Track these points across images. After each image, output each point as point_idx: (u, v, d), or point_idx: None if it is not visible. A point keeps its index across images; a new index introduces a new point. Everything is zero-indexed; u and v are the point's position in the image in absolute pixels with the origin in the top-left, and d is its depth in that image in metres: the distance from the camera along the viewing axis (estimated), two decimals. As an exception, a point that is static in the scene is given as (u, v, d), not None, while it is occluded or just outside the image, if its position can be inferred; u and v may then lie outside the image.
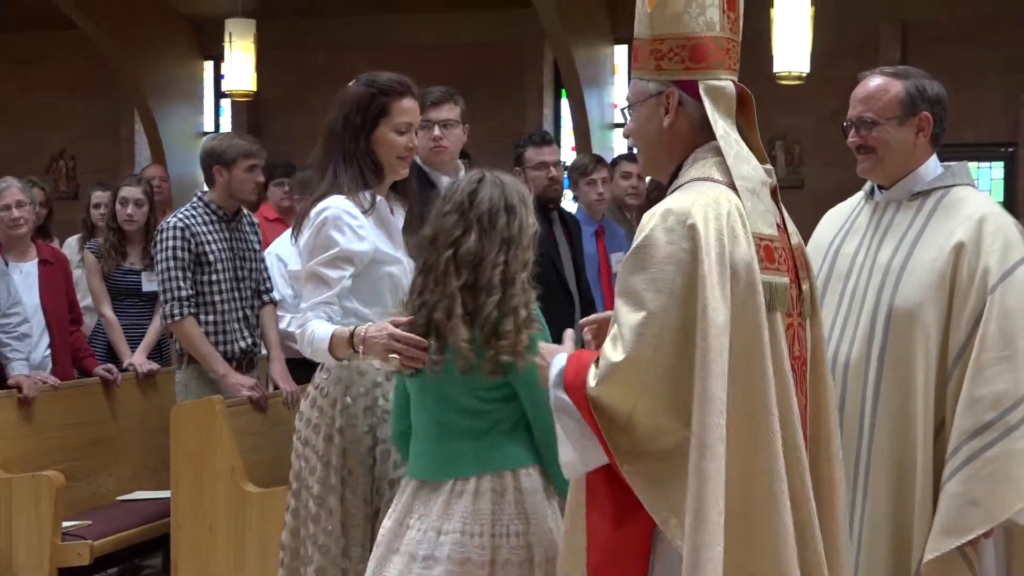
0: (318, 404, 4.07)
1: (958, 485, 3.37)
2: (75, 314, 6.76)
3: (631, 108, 2.97)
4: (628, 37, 12.65)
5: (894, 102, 3.60)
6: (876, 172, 3.67)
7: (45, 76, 14.22)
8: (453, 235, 3.50)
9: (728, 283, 2.67)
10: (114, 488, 6.47)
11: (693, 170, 2.85)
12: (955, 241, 3.48)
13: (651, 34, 2.88)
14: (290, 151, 12.71)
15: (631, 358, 2.67)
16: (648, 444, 2.69)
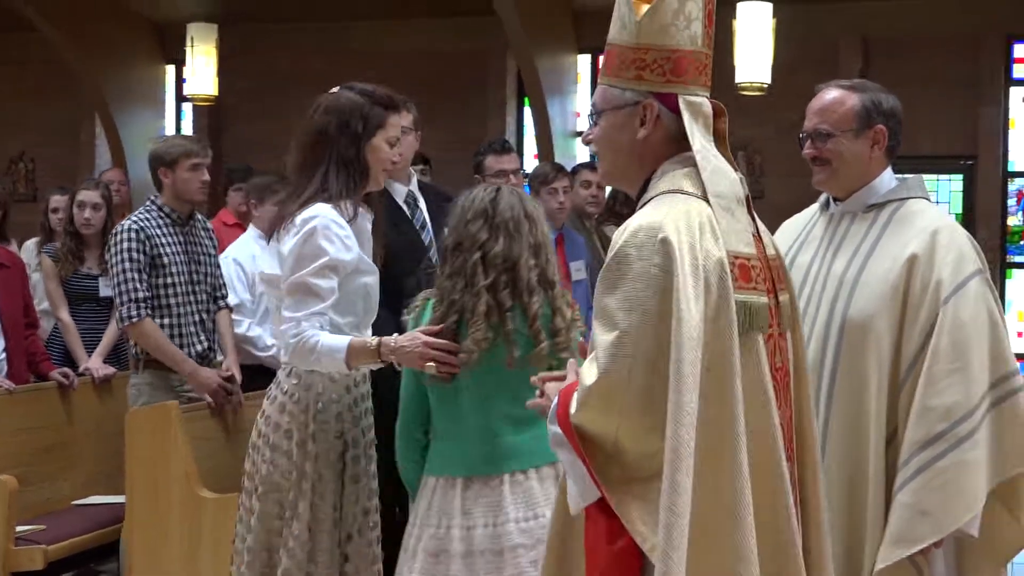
0: (288, 409, 4.07)
1: (909, 495, 3.39)
2: (31, 317, 6.71)
3: (598, 115, 2.90)
4: (592, 47, 12.86)
5: (849, 115, 3.62)
6: (831, 184, 3.70)
7: (4, 79, 14.12)
8: (479, 240, 3.78)
9: (703, 295, 2.62)
10: (69, 493, 6.43)
11: (663, 182, 2.79)
12: (909, 253, 3.51)
13: (635, 42, 2.80)
14: (252, 156, 12.71)
15: (605, 380, 2.61)
16: (638, 471, 2.63)
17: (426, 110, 5.74)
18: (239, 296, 6.20)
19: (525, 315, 3.79)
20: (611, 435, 2.63)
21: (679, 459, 2.54)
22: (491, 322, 3.76)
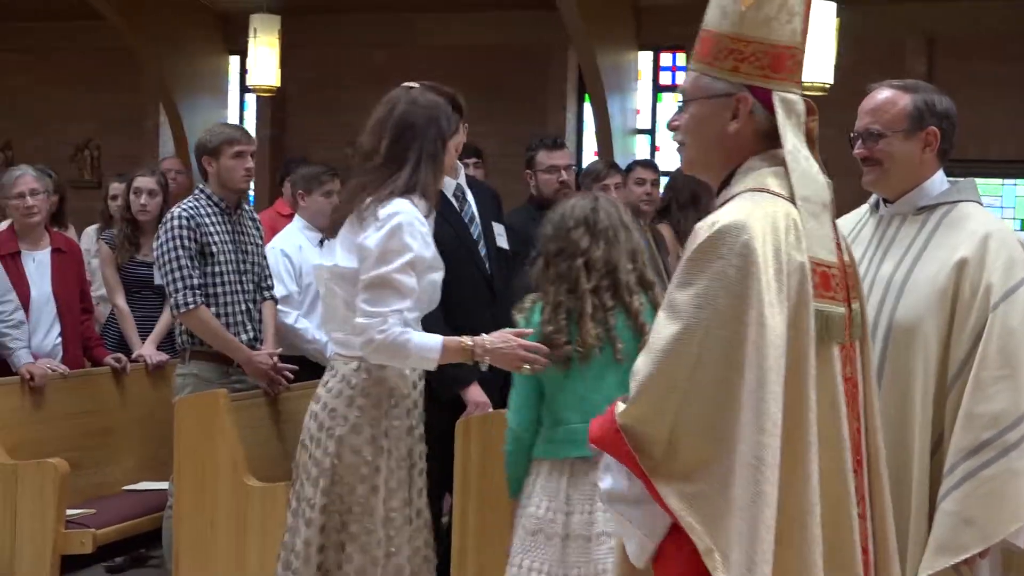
0: (358, 404, 4.09)
1: (954, 503, 3.34)
2: (86, 303, 6.78)
3: (687, 103, 2.82)
4: (653, 44, 12.79)
5: (901, 115, 3.56)
6: (881, 185, 3.65)
7: (71, 67, 14.28)
8: (581, 247, 4.09)
9: (786, 301, 2.56)
10: (120, 478, 6.50)
11: (748, 179, 2.73)
12: (958, 257, 3.45)
13: (736, 32, 2.73)
14: (314, 147, 12.80)
15: (664, 373, 2.55)
16: (692, 474, 2.56)
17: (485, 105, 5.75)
18: (287, 287, 6.19)
19: (628, 313, 4.07)
20: (664, 434, 2.57)
21: (765, 468, 2.48)
22: (597, 320, 4.05)
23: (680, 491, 2.54)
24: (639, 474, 2.59)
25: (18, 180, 6.50)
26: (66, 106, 14.32)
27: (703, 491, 2.53)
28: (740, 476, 2.49)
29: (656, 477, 2.57)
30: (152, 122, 14.21)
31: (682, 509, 2.54)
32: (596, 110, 12.30)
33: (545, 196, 6.09)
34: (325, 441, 4.11)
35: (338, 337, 4.21)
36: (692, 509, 2.53)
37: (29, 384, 6.09)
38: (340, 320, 4.14)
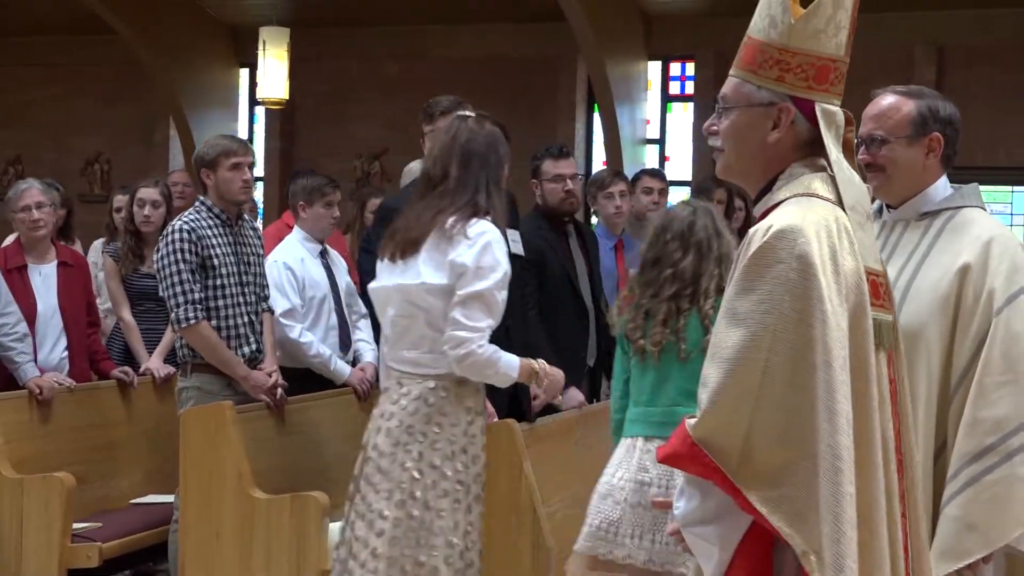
0: (436, 421, 4.19)
1: (957, 509, 3.33)
2: (93, 316, 6.77)
3: (727, 109, 2.80)
4: (662, 54, 12.78)
5: (904, 121, 3.55)
6: (884, 191, 3.63)
7: (81, 80, 14.33)
8: (674, 258, 4.57)
9: (845, 303, 2.55)
10: (127, 491, 6.48)
11: (794, 185, 2.72)
12: (961, 262, 3.44)
13: (784, 44, 2.71)
14: (323, 159, 12.81)
15: (737, 382, 2.53)
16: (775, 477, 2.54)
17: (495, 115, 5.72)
18: (290, 301, 6.13)
19: (699, 315, 4.52)
20: (739, 441, 2.55)
21: (842, 465, 2.48)
22: (668, 325, 4.55)
23: (762, 496, 2.53)
24: (723, 483, 2.57)
25: (24, 193, 6.49)
26: (76, 120, 14.37)
27: (787, 494, 2.52)
28: (823, 478, 2.49)
29: (740, 485, 2.56)
30: (162, 135, 14.25)
31: (769, 513, 2.53)
32: (605, 120, 12.30)
33: (551, 205, 6.08)
34: (402, 457, 4.19)
35: (410, 356, 4.27)
36: (779, 513, 2.52)
37: (37, 398, 6.08)
38: (416, 338, 4.23)
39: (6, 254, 6.53)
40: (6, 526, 5.76)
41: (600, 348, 6.11)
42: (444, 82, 12.32)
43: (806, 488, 2.50)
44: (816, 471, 2.49)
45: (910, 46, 11.56)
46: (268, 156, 14.10)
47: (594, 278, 6.14)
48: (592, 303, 6.07)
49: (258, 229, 6.09)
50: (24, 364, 6.12)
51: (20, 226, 6.52)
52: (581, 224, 6.34)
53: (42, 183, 6.70)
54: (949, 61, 11.66)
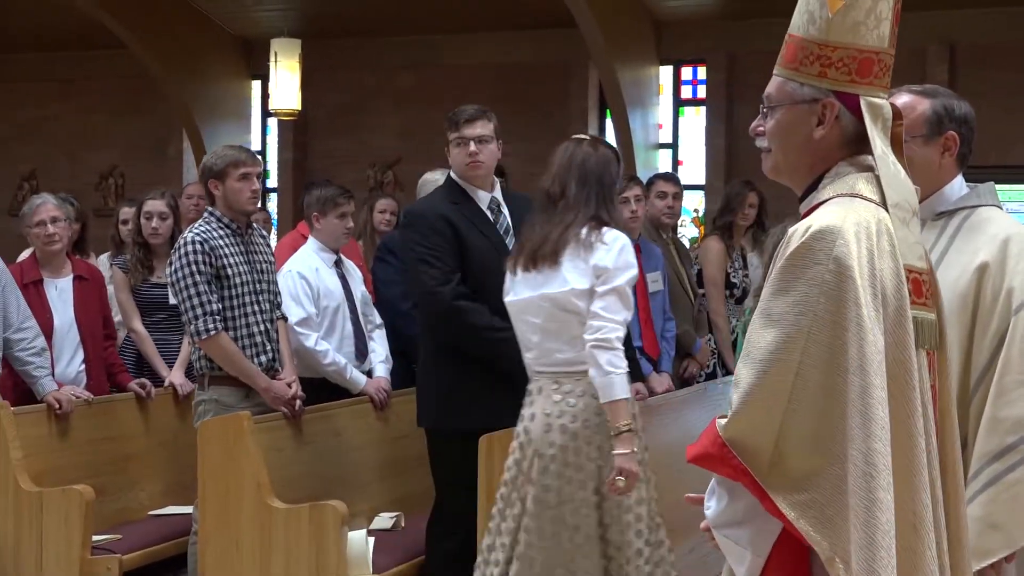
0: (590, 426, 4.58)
1: (979, 508, 3.30)
2: (109, 329, 6.78)
3: (772, 108, 2.77)
4: (674, 58, 12.78)
5: (920, 120, 3.52)
6: None
7: (94, 95, 14.39)
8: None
9: (880, 307, 2.52)
10: (146, 503, 6.50)
11: (839, 184, 2.69)
12: (979, 261, 3.42)
13: (824, 38, 2.67)
14: (336, 169, 12.83)
15: (768, 381, 2.51)
16: (804, 481, 2.52)
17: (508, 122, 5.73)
18: (306, 310, 6.12)
19: None
20: (770, 443, 2.53)
21: (877, 474, 2.44)
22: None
23: (791, 500, 2.51)
24: (751, 486, 2.55)
25: (39, 208, 6.51)
26: (90, 134, 14.43)
27: (815, 499, 2.50)
28: (853, 484, 2.45)
29: (769, 489, 2.54)
30: (175, 148, 14.29)
31: (797, 517, 2.51)
32: (618, 125, 12.30)
33: (563, 211, 6.07)
34: (587, 450, 4.56)
35: (565, 356, 4.62)
36: (805, 517, 2.50)
37: (56, 412, 6.09)
38: (570, 339, 4.58)
39: (22, 269, 6.55)
40: (26, 539, 5.78)
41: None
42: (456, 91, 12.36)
43: (834, 494, 2.48)
44: (845, 477, 2.47)
45: (923, 45, 11.54)
46: (281, 167, 14.13)
47: (609, 282, 6.13)
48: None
49: (267, 237, 6.08)
50: (42, 378, 6.13)
51: (35, 241, 6.54)
52: (596, 230, 6.33)
53: (56, 198, 6.72)
54: (961, 60, 11.64)
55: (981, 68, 11.46)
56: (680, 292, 7.07)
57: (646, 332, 6.58)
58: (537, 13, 12.45)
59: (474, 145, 5.24)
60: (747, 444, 2.54)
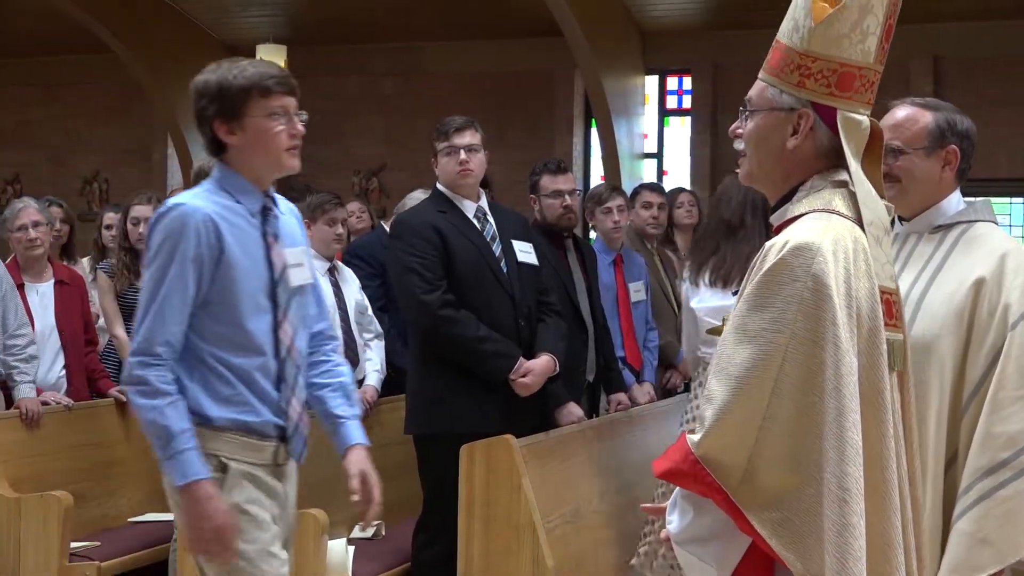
0: None
1: (969, 523, 3.28)
2: (90, 335, 6.75)
3: (751, 112, 2.75)
4: (659, 68, 12.80)
5: (922, 133, 3.51)
6: (898, 202, 3.54)
7: (79, 100, 14.36)
8: None
9: (855, 327, 2.50)
10: (126, 510, 6.45)
11: (814, 199, 2.66)
12: (976, 276, 3.40)
13: (805, 48, 2.65)
14: (321, 175, 12.81)
15: (744, 401, 2.48)
16: (777, 500, 2.50)
17: (494, 130, 5.73)
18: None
19: None
20: (742, 461, 2.50)
21: (851, 499, 2.42)
22: None
23: (762, 518, 2.49)
24: (725, 504, 2.52)
25: (21, 212, 6.47)
26: (75, 139, 14.40)
27: (787, 518, 2.48)
28: (827, 508, 2.44)
29: (743, 507, 2.51)
30: (160, 154, 14.27)
31: (769, 536, 2.49)
32: (603, 134, 12.32)
33: (549, 221, 6.07)
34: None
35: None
36: (778, 536, 2.48)
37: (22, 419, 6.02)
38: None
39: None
40: (4, 545, 5.73)
41: (599, 363, 6.09)
42: (442, 98, 12.37)
43: (808, 514, 2.46)
44: (820, 497, 2.45)
45: (907, 58, 11.58)
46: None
47: (593, 293, 6.12)
48: (591, 318, 6.06)
49: None
50: (21, 383, 6.09)
51: (17, 246, 6.51)
52: (580, 239, 6.33)
53: (40, 201, 6.69)
54: (946, 73, 11.68)
55: (965, 81, 11.49)
56: (663, 303, 7.07)
57: (628, 342, 6.58)
58: (523, 22, 12.46)
59: (464, 153, 5.24)
60: (720, 461, 2.51)
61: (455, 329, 5.06)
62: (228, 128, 3.51)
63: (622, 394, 6.10)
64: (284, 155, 3.56)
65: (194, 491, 3.37)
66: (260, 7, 13.16)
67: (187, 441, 3.37)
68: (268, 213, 3.59)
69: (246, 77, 3.52)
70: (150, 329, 3.38)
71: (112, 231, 7.24)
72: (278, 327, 3.52)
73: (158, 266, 3.41)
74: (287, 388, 3.56)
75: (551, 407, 5.40)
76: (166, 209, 3.46)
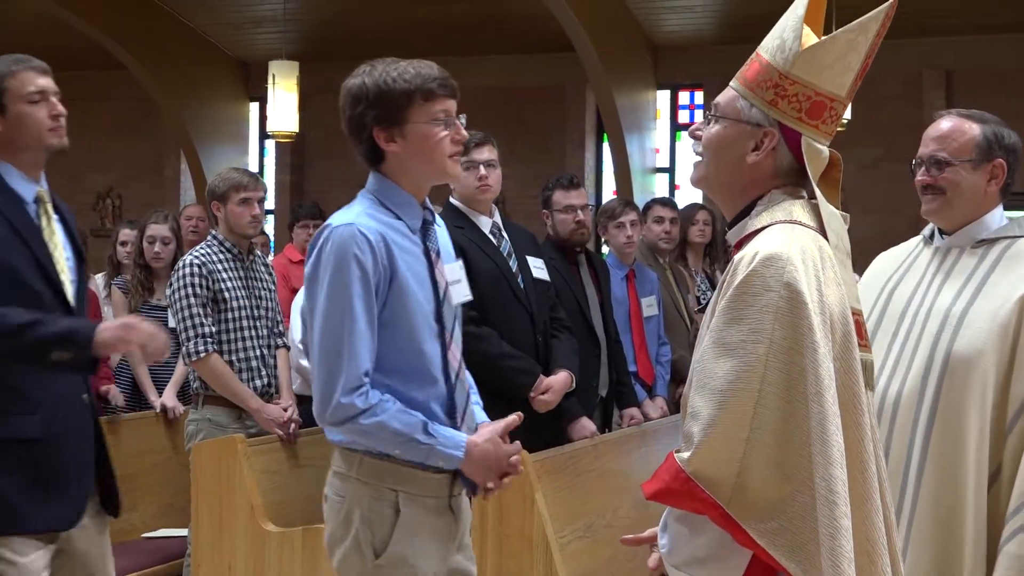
0: None
1: (1019, 546, 3.24)
2: (102, 351, 6.76)
3: (716, 117, 2.76)
4: (671, 83, 12.80)
5: (970, 145, 3.48)
6: (941, 214, 3.55)
7: (92, 115, 14.38)
8: None
9: (829, 333, 2.52)
10: (139, 525, 6.47)
11: (775, 211, 2.66)
12: (1022, 293, 3.37)
13: (787, 70, 2.66)
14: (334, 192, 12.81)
15: (730, 414, 2.48)
16: (771, 509, 2.49)
17: (505, 145, 5.74)
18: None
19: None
20: (733, 474, 2.50)
21: (839, 500, 2.43)
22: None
23: (759, 529, 2.49)
24: (721, 518, 2.51)
25: None
26: (88, 155, 14.43)
27: (783, 527, 2.48)
28: (820, 511, 2.44)
29: (738, 519, 2.51)
30: (173, 169, 14.31)
31: (767, 545, 2.49)
32: (614, 149, 12.32)
33: (561, 236, 6.07)
34: None
35: None
36: (775, 545, 2.48)
37: None
38: None
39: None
40: None
41: (612, 378, 6.09)
42: (454, 113, 12.37)
43: (804, 520, 2.47)
44: (813, 503, 2.45)
45: (918, 71, 11.57)
46: (279, 189, 14.15)
47: (606, 308, 6.12)
48: (604, 333, 6.06)
49: (270, 265, 6.07)
50: None
51: None
52: (592, 254, 6.33)
53: None
54: (958, 86, 11.66)
55: (978, 94, 11.47)
56: (676, 317, 7.07)
57: (640, 357, 6.58)
58: (534, 37, 12.48)
59: (484, 169, 5.24)
60: (711, 476, 2.50)
61: (479, 346, 5.03)
62: (388, 135, 3.31)
63: (634, 409, 6.09)
64: (448, 162, 3.34)
65: (471, 453, 3.25)
66: (273, 23, 13.18)
67: (429, 424, 3.22)
68: (428, 228, 3.38)
69: (407, 80, 3.32)
70: (350, 365, 3.17)
71: (128, 247, 7.27)
72: (446, 350, 3.33)
73: (338, 293, 3.17)
74: (458, 415, 3.35)
75: (564, 422, 5.39)
76: (333, 229, 3.21)
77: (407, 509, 3.26)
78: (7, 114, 3.71)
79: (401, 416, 3.20)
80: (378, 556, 3.26)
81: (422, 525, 3.29)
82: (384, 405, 3.19)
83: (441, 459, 3.23)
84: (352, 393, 3.17)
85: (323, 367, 3.21)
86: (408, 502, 3.26)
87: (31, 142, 3.79)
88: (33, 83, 3.75)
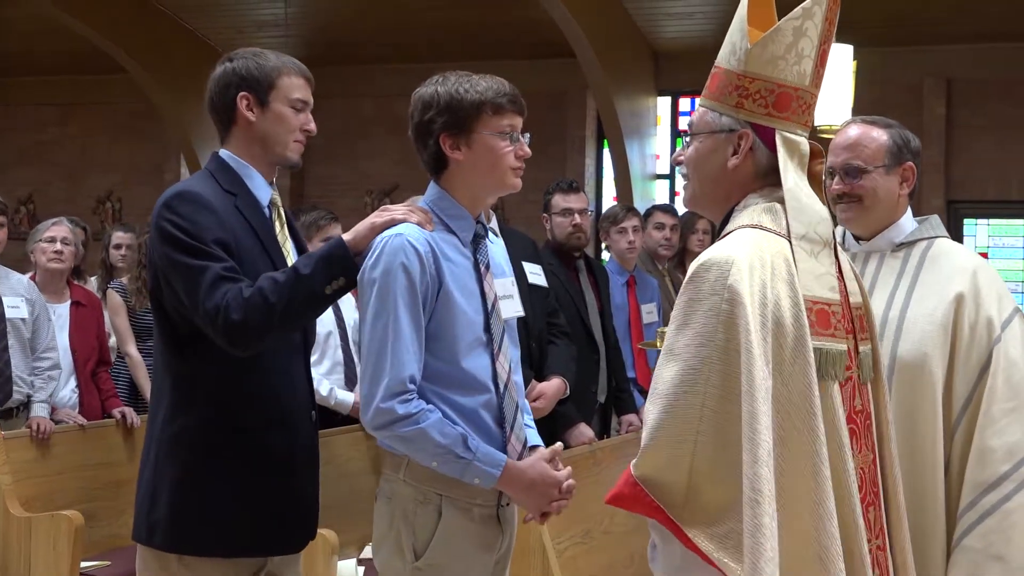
0: None
1: (977, 540, 3.27)
2: (104, 355, 6.76)
3: (692, 136, 2.82)
4: (671, 89, 12.79)
5: (882, 151, 3.50)
6: (859, 222, 3.58)
7: (93, 119, 14.41)
8: None
9: (770, 336, 2.54)
10: (136, 530, 6.44)
11: (744, 216, 2.72)
12: (955, 292, 3.41)
13: (743, 70, 2.74)
14: (334, 195, 12.84)
15: (676, 418, 2.52)
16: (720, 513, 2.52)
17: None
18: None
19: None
20: (683, 478, 2.53)
21: (763, 499, 2.45)
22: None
23: (709, 533, 2.51)
24: (666, 522, 2.54)
25: (53, 226, 6.56)
26: (88, 158, 14.46)
27: (732, 529, 2.50)
28: (744, 510, 2.46)
29: (684, 524, 2.54)
30: (173, 173, 14.31)
31: (714, 550, 2.51)
32: (615, 155, 12.33)
33: (559, 240, 6.06)
34: None
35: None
36: (724, 549, 2.50)
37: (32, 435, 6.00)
38: None
39: (22, 291, 6.53)
40: (14, 564, 5.73)
41: (611, 384, 6.08)
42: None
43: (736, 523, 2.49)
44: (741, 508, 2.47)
45: (919, 79, 11.57)
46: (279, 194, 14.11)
47: (605, 314, 6.12)
48: (603, 339, 6.05)
49: None
50: (34, 403, 6.12)
51: (41, 256, 6.53)
52: (591, 259, 6.33)
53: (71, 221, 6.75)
54: (958, 95, 11.66)
55: (978, 103, 11.48)
56: (675, 324, 7.06)
57: (640, 363, 6.57)
58: (535, 43, 12.48)
59: None
60: (660, 480, 2.54)
61: None
62: (454, 143, 3.33)
63: (633, 415, 6.09)
64: (509, 174, 3.33)
65: (511, 472, 3.19)
66: (274, 28, 13.20)
67: (469, 439, 3.17)
68: (480, 241, 3.38)
69: (478, 92, 3.37)
70: (393, 370, 3.14)
71: (121, 250, 7.26)
72: (495, 361, 3.30)
73: (384, 300, 3.17)
74: (507, 424, 3.30)
75: (562, 428, 5.38)
76: (385, 239, 3.23)
77: (450, 514, 3.23)
78: (267, 111, 3.60)
79: (442, 427, 3.16)
80: (418, 558, 3.25)
81: (464, 533, 3.26)
82: (426, 414, 3.16)
83: (478, 475, 3.18)
84: (393, 399, 3.15)
85: (367, 372, 3.21)
86: (451, 508, 3.23)
87: (278, 145, 3.70)
88: (300, 90, 3.68)
